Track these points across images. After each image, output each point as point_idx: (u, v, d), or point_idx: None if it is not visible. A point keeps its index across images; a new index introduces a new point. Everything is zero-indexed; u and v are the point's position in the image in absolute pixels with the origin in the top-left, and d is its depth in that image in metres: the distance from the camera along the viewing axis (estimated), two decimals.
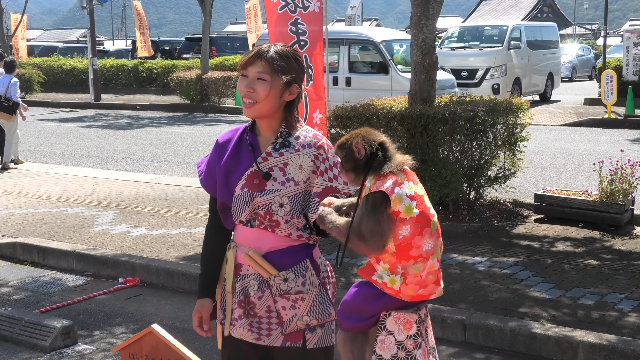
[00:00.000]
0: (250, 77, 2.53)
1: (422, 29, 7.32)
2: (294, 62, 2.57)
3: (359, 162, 2.54)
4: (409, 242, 2.47)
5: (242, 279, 2.60)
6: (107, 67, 27.84)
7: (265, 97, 2.52)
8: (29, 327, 4.87)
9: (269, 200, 2.52)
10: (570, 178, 9.90)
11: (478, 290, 5.29)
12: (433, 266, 2.52)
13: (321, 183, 2.56)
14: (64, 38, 59.10)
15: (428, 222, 2.50)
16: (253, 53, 2.55)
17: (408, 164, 2.55)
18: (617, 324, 4.63)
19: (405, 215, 2.46)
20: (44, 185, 9.98)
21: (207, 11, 21.35)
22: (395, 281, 2.52)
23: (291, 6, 7.61)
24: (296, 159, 2.55)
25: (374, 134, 2.58)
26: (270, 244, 2.57)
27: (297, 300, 2.55)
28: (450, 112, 6.96)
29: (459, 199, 7.35)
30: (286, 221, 2.54)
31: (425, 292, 2.54)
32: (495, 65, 18.27)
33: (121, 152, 13.47)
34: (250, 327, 2.57)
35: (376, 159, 2.52)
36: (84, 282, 6.26)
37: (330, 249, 6.30)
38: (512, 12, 63.12)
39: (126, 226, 7.50)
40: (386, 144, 2.56)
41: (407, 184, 2.50)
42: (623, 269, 5.74)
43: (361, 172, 2.54)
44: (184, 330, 4.97)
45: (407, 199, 2.47)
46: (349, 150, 2.55)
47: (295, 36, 7.65)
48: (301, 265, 2.56)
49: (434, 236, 2.52)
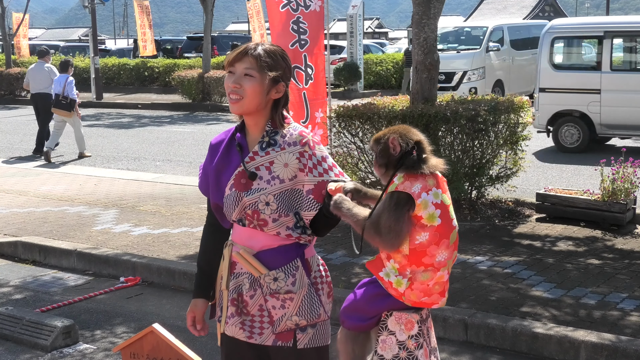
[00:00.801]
0: (237, 73, 2.55)
1: (423, 28, 7.31)
2: (282, 61, 2.58)
3: (392, 158, 2.53)
4: (425, 249, 2.45)
5: (236, 277, 2.61)
6: (109, 66, 27.84)
7: (251, 93, 2.53)
8: (30, 326, 4.87)
9: (255, 199, 2.53)
10: (572, 177, 9.88)
11: (480, 290, 5.29)
12: (442, 277, 2.51)
13: (312, 179, 2.55)
14: (65, 37, 59.13)
15: (448, 234, 2.48)
16: (240, 50, 2.57)
17: (440, 168, 2.52)
18: (619, 324, 4.62)
19: (427, 222, 2.44)
20: (46, 184, 9.98)
21: (209, 10, 21.35)
22: (402, 284, 2.51)
23: (293, 4, 7.60)
24: (281, 157, 2.55)
25: (412, 132, 2.56)
26: (262, 243, 2.57)
27: (286, 300, 2.54)
28: (452, 111, 6.96)
29: (460, 198, 7.34)
30: (274, 220, 2.53)
31: (428, 300, 2.53)
32: (473, 68, 17.59)
33: (122, 151, 13.46)
34: (243, 325, 2.58)
35: (410, 158, 2.49)
36: (85, 281, 6.26)
37: (330, 248, 6.30)
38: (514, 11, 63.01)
39: (127, 225, 7.50)
40: (423, 144, 2.53)
41: (435, 192, 2.47)
42: (625, 268, 5.73)
43: (392, 168, 2.52)
44: (185, 329, 4.94)
45: (432, 206, 2.45)
46: (385, 145, 2.54)
47: (297, 35, 7.65)
48: (291, 265, 2.56)
49: (450, 248, 2.50)
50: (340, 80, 23.10)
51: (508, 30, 18.91)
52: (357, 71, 22.83)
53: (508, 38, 18.67)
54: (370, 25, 61.51)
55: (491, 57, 17.97)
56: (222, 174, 2.61)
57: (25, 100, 24.70)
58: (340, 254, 6.19)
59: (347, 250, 6.28)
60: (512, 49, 18.74)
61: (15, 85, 25.25)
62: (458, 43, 18.81)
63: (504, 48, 18.48)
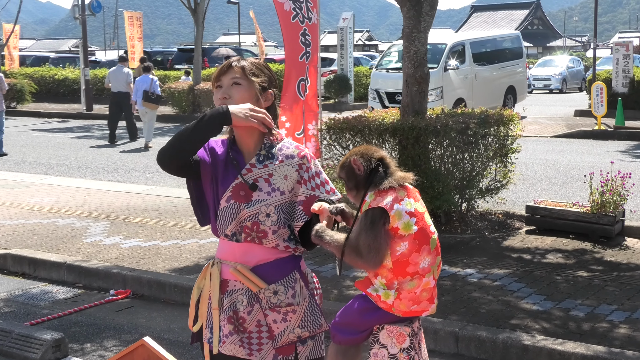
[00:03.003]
0: (225, 85, 2.59)
1: (414, 42, 7.36)
2: (266, 70, 2.66)
3: (359, 178, 2.56)
4: (407, 258, 2.48)
5: (230, 295, 2.59)
6: (99, 77, 27.80)
7: (241, 100, 2.56)
8: (20, 339, 4.84)
9: (256, 211, 2.53)
10: (561, 190, 9.94)
11: (470, 302, 5.30)
12: (428, 283, 2.53)
13: (305, 192, 2.58)
14: (56, 48, 59.08)
15: (427, 240, 2.51)
16: (224, 64, 2.62)
17: (409, 180, 2.56)
18: (608, 336, 4.64)
19: (404, 231, 2.47)
20: (35, 196, 9.95)
21: (200, 22, 21.40)
22: (390, 295, 2.52)
23: (300, 16, 7.52)
24: (281, 170, 2.57)
25: (373, 150, 2.60)
26: (258, 258, 2.57)
27: (289, 313, 2.55)
28: (442, 124, 6.99)
29: (450, 211, 7.37)
30: (274, 231, 2.54)
31: (418, 308, 2.55)
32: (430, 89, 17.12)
33: (113, 162, 13.44)
34: (242, 342, 2.56)
35: (377, 175, 2.54)
36: (75, 294, 6.23)
37: (321, 261, 6.30)
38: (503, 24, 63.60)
39: (118, 237, 7.48)
40: (386, 160, 2.57)
41: (408, 201, 2.50)
42: (614, 280, 5.77)
43: (362, 188, 2.55)
44: (176, 342, 4.96)
45: (407, 215, 2.48)
46: (349, 167, 2.58)
47: (304, 47, 7.57)
48: (290, 277, 2.57)
49: (432, 254, 2.52)
50: (330, 92, 23.17)
51: (470, 45, 18.11)
52: (347, 83, 22.91)
53: (470, 53, 17.87)
54: (361, 37, 61.83)
55: (450, 75, 17.04)
56: (219, 182, 2.60)
57: (16, 112, 24.64)
58: (331, 266, 6.20)
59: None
60: (475, 64, 17.95)
61: (5, 96, 25.07)
62: None
63: (465, 65, 17.62)
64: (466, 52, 17.79)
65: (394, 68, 17.79)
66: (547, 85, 33.49)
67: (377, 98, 17.72)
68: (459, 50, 17.75)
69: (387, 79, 17.67)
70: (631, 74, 18.72)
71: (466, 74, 17.54)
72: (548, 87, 33.41)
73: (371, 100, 18.04)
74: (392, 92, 17.10)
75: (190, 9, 21.42)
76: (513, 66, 19.51)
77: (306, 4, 7.57)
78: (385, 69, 18.19)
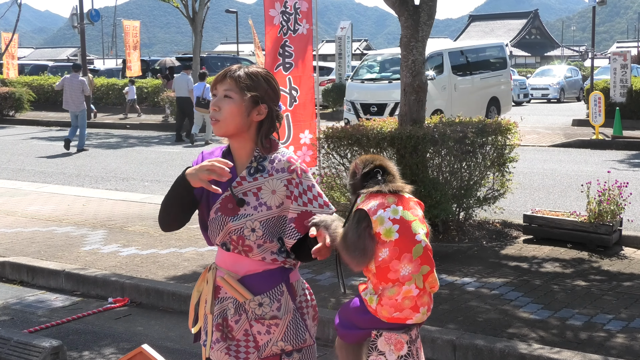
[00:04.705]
0: (218, 95, 2.58)
1: (411, 51, 7.39)
2: (264, 82, 2.57)
3: (357, 180, 2.70)
4: (387, 265, 2.53)
5: (221, 302, 2.60)
6: (98, 86, 27.85)
7: (229, 114, 2.53)
8: (18, 347, 4.84)
9: (241, 225, 2.52)
10: (559, 199, 9.96)
11: (467, 311, 5.31)
12: (410, 292, 2.54)
13: (296, 208, 2.55)
14: (54, 57, 59.15)
15: (409, 248, 2.53)
16: (221, 73, 2.60)
17: (405, 191, 2.63)
18: (606, 345, 4.65)
19: (385, 238, 2.52)
20: (33, 204, 9.95)
21: (198, 31, 21.47)
22: (373, 300, 2.59)
23: (285, 29, 7.67)
24: (269, 184, 2.54)
25: (378, 158, 2.73)
26: (246, 268, 2.57)
27: (272, 326, 2.53)
28: (440, 133, 7.02)
29: (448, 220, 7.38)
30: (259, 245, 2.53)
31: (401, 315, 2.57)
32: None
33: (111, 171, 13.45)
34: (228, 350, 2.56)
35: (372, 179, 2.64)
36: (73, 302, 6.23)
37: (318, 269, 6.31)
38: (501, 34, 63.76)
39: (116, 246, 7.48)
40: (387, 168, 2.68)
41: (394, 208, 2.55)
42: (611, 289, 5.78)
43: (358, 190, 2.68)
44: (174, 350, 4.96)
45: (389, 222, 2.52)
46: (351, 170, 2.76)
47: (281, 58, 7.72)
48: (276, 290, 2.55)
49: (414, 262, 2.54)
50: (328, 101, 23.21)
51: (449, 55, 17.66)
52: (345, 92, 22.96)
53: (449, 64, 17.45)
54: (359, 46, 61.90)
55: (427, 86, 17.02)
56: (210, 194, 2.60)
57: (14, 120, 24.64)
58: (328, 274, 6.21)
59: (335, 271, 6.29)
60: (454, 74, 17.48)
61: (3, 104, 25.11)
62: (393, 72, 17.35)
63: (443, 75, 17.23)
64: (444, 62, 17.41)
65: (369, 79, 17.77)
66: (545, 95, 33.62)
67: (352, 110, 17.56)
68: (437, 60, 17.34)
69: (362, 90, 17.59)
70: (629, 83, 18.78)
71: (444, 84, 17.15)
72: (546, 96, 33.54)
73: (346, 112, 17.88)
74: (367, 103, 17.07)
75: (188, 18, 21.49)
76: (496, 77, 18.92)
77: (295, 15, 7.67)
78: (360, 80, 18.04)
